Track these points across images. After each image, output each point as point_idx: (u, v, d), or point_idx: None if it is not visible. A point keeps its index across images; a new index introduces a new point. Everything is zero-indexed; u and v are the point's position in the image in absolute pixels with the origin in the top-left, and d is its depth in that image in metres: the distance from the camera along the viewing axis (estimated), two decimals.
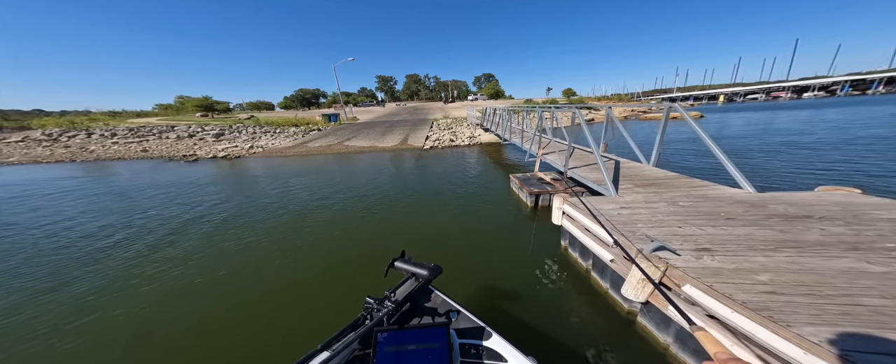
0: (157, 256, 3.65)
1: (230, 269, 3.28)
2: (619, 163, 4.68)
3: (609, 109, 5.05)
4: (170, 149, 14.49)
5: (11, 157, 13.61)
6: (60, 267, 3.45)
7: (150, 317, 2.55)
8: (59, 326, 2.44)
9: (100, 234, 4.46)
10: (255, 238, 4.12)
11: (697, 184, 3.32)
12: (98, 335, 2.35)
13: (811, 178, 5.62)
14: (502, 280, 2.86)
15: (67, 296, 2.89)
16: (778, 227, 2.12)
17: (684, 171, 3.98)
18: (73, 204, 6.22)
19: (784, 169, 6.32)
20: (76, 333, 2.36)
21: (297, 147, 14.08)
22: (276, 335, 2.24)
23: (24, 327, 2.45)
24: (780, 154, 7.74)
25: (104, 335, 2.35)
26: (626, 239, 2.10)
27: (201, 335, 2.31)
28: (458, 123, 19.35)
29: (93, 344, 2.26)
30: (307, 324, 2.35)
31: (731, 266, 1.69)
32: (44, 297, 2.86)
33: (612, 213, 2.60)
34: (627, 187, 3.38)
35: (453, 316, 1.11)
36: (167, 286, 2.99)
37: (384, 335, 0.89)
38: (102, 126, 20.58)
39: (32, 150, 14.69)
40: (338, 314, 2.40)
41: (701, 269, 1.68)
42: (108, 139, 16.84)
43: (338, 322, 2.35)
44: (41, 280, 3.19)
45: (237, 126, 20.06)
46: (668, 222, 2.33)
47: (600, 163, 3.49)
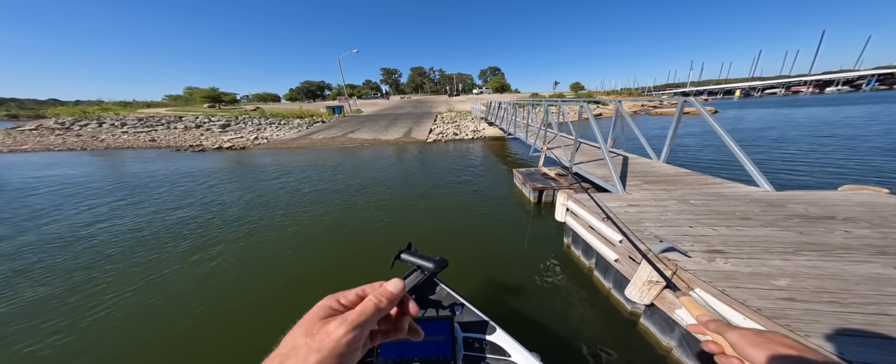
0: (152, 252, 3.69)
1: (235, 262, 3.30)
2: (627, 158, 4.51)
3: (619, 104, 4.84)
4: (177, 139, 14.67)
5: (25, 144, 13.99)
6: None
7: (139, 313, 2.58)
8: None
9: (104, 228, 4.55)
10: (258, 230, 4.14)
11: (710, 181, 3.16)
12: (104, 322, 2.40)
13: (834, 176, 5.34)
14: (502, 275, 2.82)
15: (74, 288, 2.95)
16: (798, 228, 1.99)
17: (696, 167, 3.80)
18: (69, 198, 6.35)
19: (804, 167, 6.04)
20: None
21: (302, 139, 14.10)
22: (279, 325, 2.24)
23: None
24: (798, 151, 7.39)
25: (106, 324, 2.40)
26: (633, 238, 2.00)
27: (201, 330, 2.33)
28: (462, 117, 19.08)
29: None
30: None
31: (745, 270, 1.59)
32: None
33: (619, 210, 2.50)
34: (636, 184, 3.24)
35: (458, 309, 1.12)
36: (158, 281, 2.99)
37: None
38: (113, 116, 20.92)
39: (45, 139, 15.05)
40: None
41: (713, 272, 1.59)
42: (118, 128, 17.14)
43: None
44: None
45: (243, 117, 20.17)
46: (678, 221, 2.22)
47: (608, 158, 3.35)
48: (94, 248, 3.63)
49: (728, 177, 3.25)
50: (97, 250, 3.59)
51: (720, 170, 5.81)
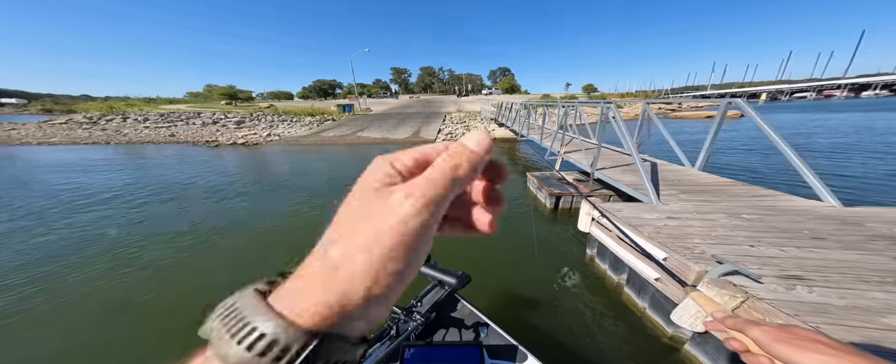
0: (147, 251, 3.64)
1: (243, 266, 3.20)
2: (656, 165, 4.16)
3: (646, 105, 4.50)
4: (195, 134, 15.10)
5: (54, 137, 14.73)
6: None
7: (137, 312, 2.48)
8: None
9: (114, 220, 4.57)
10: (267, 233, 4.04)
11: (760, 192, 2.80)
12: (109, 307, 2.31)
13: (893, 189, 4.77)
14: (520, 288, 2.59)
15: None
16: (889, 252, 1.66)
17: (729, 176, 3.43)
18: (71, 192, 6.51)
19: (856, 177, 5.46)
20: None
21: (312, 136, 14.22)
22: None
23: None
24: (843, 160, 6.74)
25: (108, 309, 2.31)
26: (681, 256, 1.72)
27: None
28: (471, 117, 18.84)
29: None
30: None
31: (839, 302, 1.29)
32: None
33: (658, 223, 2.21)
34: (671, 193, 2.92)
35: (482, 331, 1.03)
36: (159, 281, 2.91)
37: (411, 351, 0.84)
38: (137, 111, 21.87)
39: (73, 132, 15.82)
40: None
41: (797, 303, 1.30)
42: (140, 124, 17.84)
43: None
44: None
45: (257, 114, 20.63)
46: (733, 238, 1.91)
47: (639, 163, 3.04)
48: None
49: (774, 187, 2.89)
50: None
51: (755, 178, 5.33)
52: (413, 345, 0.85)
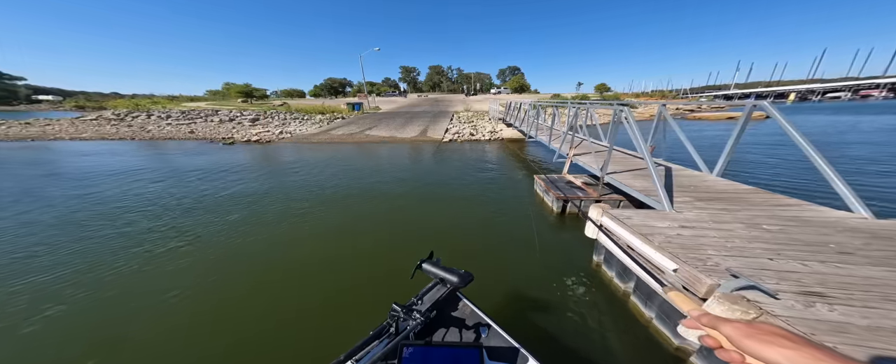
0: (162, 249, 3.81)
1: (250, 261, 3.32)
2: (670, 169, 4.01)
3: (663, 107, 4.33)
4: (212, 131, 15.72)
5: (84, 132, 15.70)
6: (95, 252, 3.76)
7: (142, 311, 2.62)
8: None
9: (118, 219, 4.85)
10: (274, 228, 4.16)
11: (783, 201, 2.65)
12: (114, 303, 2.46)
13: None
14: (524, 290, 2.57)
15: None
16: None
17: (748, 183, 3.26)
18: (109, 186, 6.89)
19: (885, 187, 5.08)
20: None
21: (322, 134, 14.52)
22: (296, 333, 2.15)
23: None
24: (882, 167, 6.27)
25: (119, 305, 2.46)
26: (692, 268, 1.67)
27: (212, 333, 2.31)
28: (479, 117, 18.70)
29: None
30: (327, 323, 2.24)
31: (862, 322, 1.22)
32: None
33: (670, 232, 2.14)
34: (686, 201, 2.81)
35: (483, 331, 1.01)
36: (165, 284, 3.01)
37: (410, 350, 0.83)
38: (161, 109, 23.01)
39: (102, 128, 16.80)
40: (357, 317, 2.26)
41: (815, 322, 1.23)
42: (163, 120, 18.76)
43: (358, 324, 2.14)
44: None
45: (271, 112, 21.27)
46: (750, 251, 1.83)
47: (652, 168, 2.94)
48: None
49: (800, 196, 2.73)
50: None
51: (783, 187, 5.05)
52: (412, 344, 0.83)
